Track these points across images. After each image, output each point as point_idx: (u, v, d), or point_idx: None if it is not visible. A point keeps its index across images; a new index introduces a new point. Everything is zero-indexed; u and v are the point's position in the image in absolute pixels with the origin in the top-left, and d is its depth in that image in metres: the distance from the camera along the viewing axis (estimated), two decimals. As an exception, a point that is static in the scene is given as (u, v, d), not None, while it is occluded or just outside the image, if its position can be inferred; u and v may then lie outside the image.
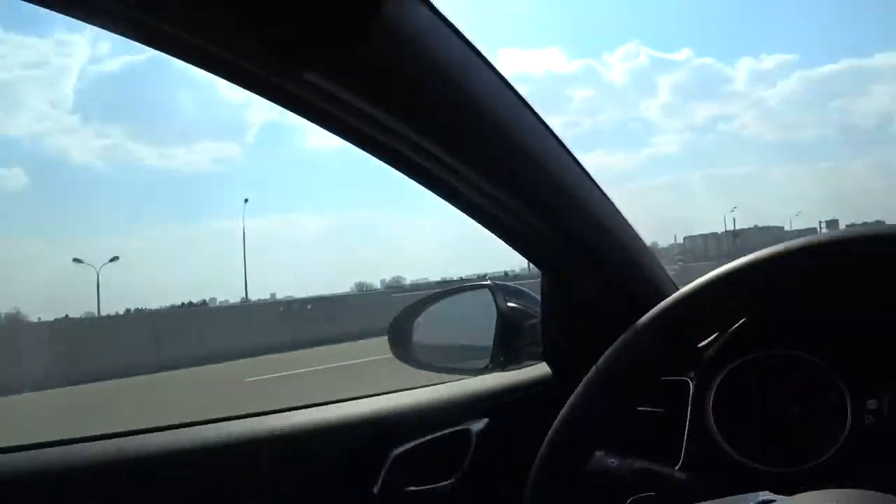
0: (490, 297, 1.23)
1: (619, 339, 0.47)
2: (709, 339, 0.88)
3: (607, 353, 0.47)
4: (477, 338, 1.24)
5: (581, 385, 0.49)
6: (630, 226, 1.03)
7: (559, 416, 0.49)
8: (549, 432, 0.49)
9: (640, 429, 0.94)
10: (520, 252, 1.04)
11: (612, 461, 0.73)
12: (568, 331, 1.11)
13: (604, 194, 0.99)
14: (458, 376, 1.15)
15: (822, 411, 0.84)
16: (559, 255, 0.99)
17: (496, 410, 1.00)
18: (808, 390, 0.86)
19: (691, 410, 0.89)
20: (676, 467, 0.86)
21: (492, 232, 0.95)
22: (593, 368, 0.48)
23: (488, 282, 1.27)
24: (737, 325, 0.84)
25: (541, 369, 1.10)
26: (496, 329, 1.21)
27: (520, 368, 1.13)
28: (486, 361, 1.16)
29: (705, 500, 0.63)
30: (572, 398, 0.49)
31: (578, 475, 0.49)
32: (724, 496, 0.54)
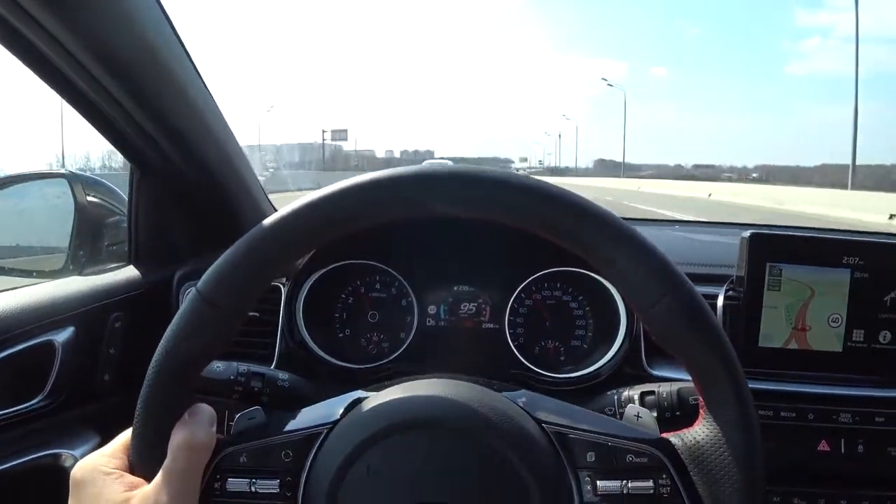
0: (67, 189, 1.08)
1: (219, 259, 0.47)
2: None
3: (210, 271, 0.47)
4: (52, 236, 1.08)
5: (182, 308, 0.48)
6: (231, 133, 1.05)
7: (162, 343, 0.48)
8: (153, 361, 0.48)
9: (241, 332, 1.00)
10: (110, 141, 0.95)
11: (218, 365, 0.74)
12: (157, 231, 1.08)
13: (211, 97, 0.98)
14: (28, 280, 0.99)
15: (396, 315, 1.04)
16: (153, 150, 0.94)
17: (82, 318, 0.91)
18: (384, 298, 1.05)
19: (283, 314, 0.99)
20: (272, 366, 0.95)
21: (84, 117, 0.85)
22: (194, 290, 0.47)
23: (65, 171, 1.11)
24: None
25: (128, 272, 1.04)
26: (74, 225, 1.08)
27: (104, 271, 1.04)
28: (62, 262, 1.03)
29: (304, 398, 0.71)
30: (174, 320, 0.48)
31: (189, 384, 0.49)
32: (320, 393, 0.58)
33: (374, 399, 0.51)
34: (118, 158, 1.04)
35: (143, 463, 0.48)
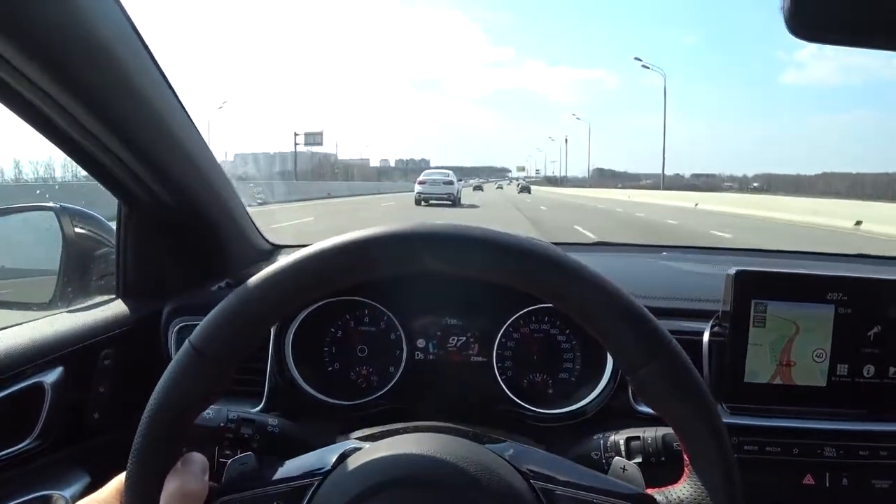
0: (55, 222, 1.08)
1: (213, 312, 0.48)
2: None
3: (203, 323, 0.48)
4: (40, 263, 1.08)
5: (175, 359, 0.48)
6: (216, 162, 1.05)
7: (155, 393, 0.49)
8: (146, 411, 0.48)
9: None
10: (94, 177, 0.95)
11: (208, 412, 0.72)
12: (145, 265, 1.08)
13: (194, 127, 0.98)
14: (18, 318, 0.98)
15: (385, 349, 1.05)
16: (137, 185, 0.94)
17: (71, 357, 0.90)
18: (373, 332, 1.05)
19: (272, 351, 0.99)
20: (258, 408, 0.95)
21: (66, 153, 0.85)
22: (186, 342, 0.49)
23: (53, 203, 1.10)
24: None
25: (116, 307, 1.04)
26: (62, 258, 1.07)
27: (91, 307, 1.03)
28: (49, 296, 1.03)
29: (294, 442, 0.72)
30: (167, 371, 0.48)
31: (181, 434, 0.49)
32: (309, 437, 0.60)
33: (365, 454, 0.52)
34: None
35: None
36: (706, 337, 0.91)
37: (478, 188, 67.06)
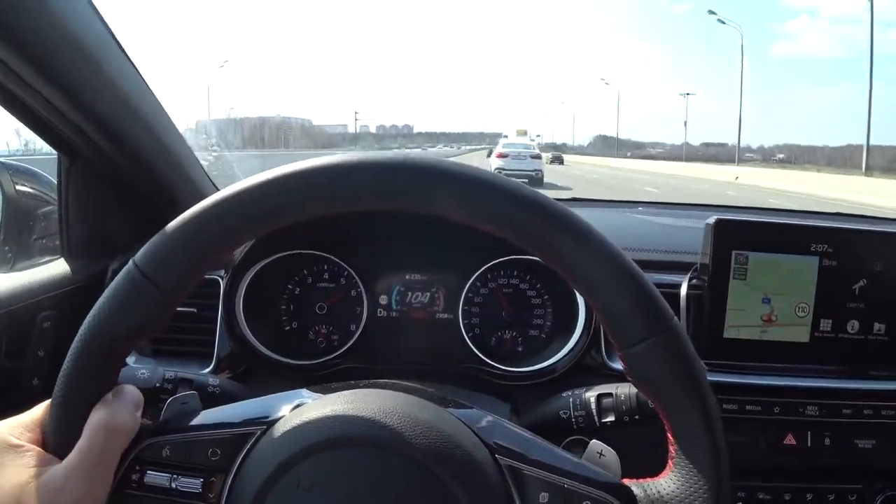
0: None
1: (162, 232, 0.42)
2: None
3: (150, 243, 0.42)
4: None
5: (116, 280, 0.42)
6: (163, 110, 0.98)
7: (91, 315, 0.43)
8: (79, 334, 0.43)
9: (169, 330, 0.93)
10: (27, 126, 0.87)
11: (143, 371, 0.68)
12: (90, 222, 1.01)
13: (137, 73, 0.91)
14: None
15: (345, 307, 1.00)
16: (78, 136, 0.88)
17: (6, 320, 0.84)
18: (332, 288, 1.00)
19: (223, 309, 0.93)
20: (208, 370, 0.90)
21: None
22: (130, 262, 0.42)
23: (-10, 159, 1.03)
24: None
25: (57, 267, 0.97)
26: (1, 217, 1.01)
27: (33, 266, 0.96)
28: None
29: (243, 397, 0.65)
30: (106, 293, 0.43)
31: (116, 363, 0.44)
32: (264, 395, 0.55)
33: (315, 407, 0.47)
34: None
35: (57, 440, 0.44)
36: (684, 290, 0.86)
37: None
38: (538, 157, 19.27)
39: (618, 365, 0.89)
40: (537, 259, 0.43)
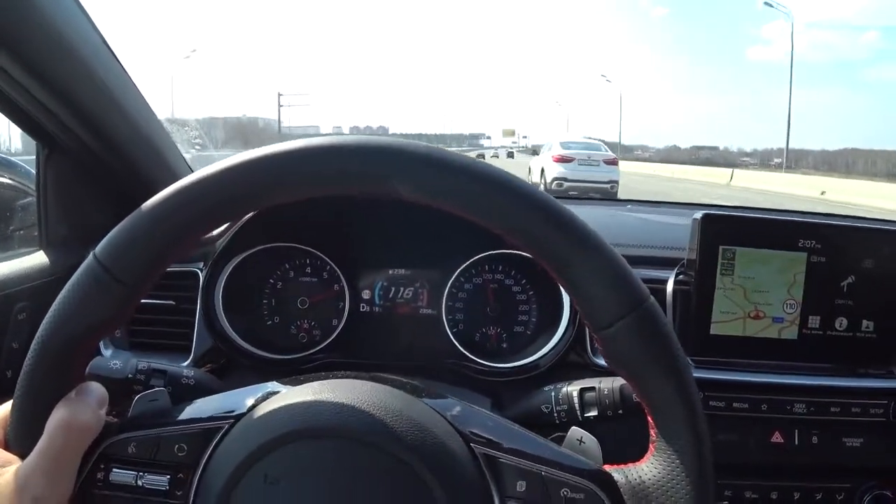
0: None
1: (122, 223, 0.40)
2: (220, 230, 0.91)
3: (111, 235, 0.40)
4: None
5: (76, 274, 0.41)
6: (144, 100, 0.96)
7: (51, 311, 0.41)
8: (39, 330, 0.41)
9: (147, 322, 0.92)
10: (10, 118, 0.86)
11: (115, 362, 0.66)
12: (69, 213, 0.99)
13: (117, 62, 0.89)
14: None
15: (327, 301, 0.98)
16: (56, 126, 0.86)
17: None
18: (314, 283, 0.98)
19: (201, 302, 0.91)
20: (186, 363, 0.88)
21: None
22: (90, 255, 0.41)
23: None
24: (248, 216, 0.87)
25: (35, 259, 0.96)
26: (-22, 208, 0.99)
27: (11, 257, 0.94)
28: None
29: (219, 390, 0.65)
30: (67, 287, 0.41)
31: (78, 359, 0.42)
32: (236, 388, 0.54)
33: (283, 398, 0.46)
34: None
35: (18, 439, 0.43)
36: (670, 285, 0.85)
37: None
38: (614, 162, 13.34)
39: (603, 362, 0.88)
40: (523, 254, 0.42)
